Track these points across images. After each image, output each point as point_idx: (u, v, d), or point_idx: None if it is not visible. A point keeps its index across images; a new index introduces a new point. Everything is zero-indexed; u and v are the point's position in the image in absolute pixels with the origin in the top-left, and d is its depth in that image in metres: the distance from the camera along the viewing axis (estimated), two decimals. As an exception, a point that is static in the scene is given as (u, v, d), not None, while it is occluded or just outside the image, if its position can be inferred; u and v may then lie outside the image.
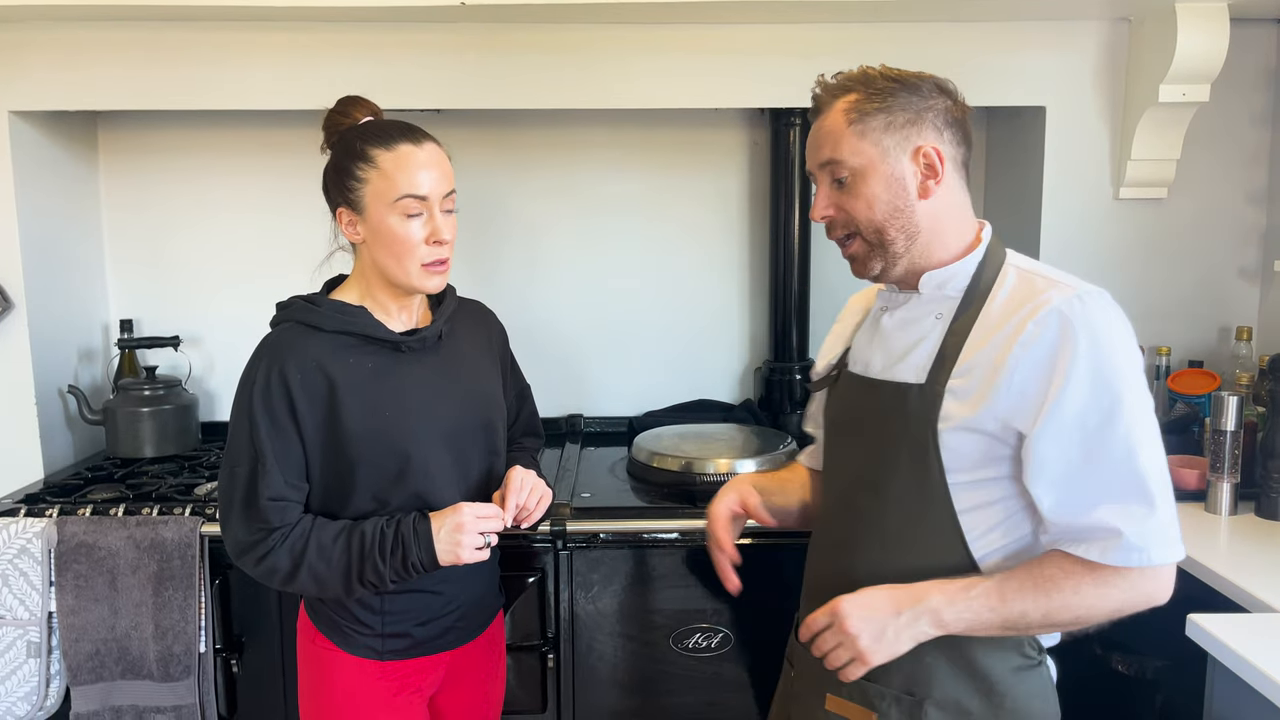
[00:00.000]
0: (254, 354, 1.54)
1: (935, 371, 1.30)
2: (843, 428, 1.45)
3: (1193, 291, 2.46)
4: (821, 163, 1.34)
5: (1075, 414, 1.20)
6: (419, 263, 1.53)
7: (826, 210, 1.36)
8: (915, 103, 1.31)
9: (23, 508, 2.10)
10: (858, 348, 1.47)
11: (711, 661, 2.08)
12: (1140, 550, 1.20)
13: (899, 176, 1.31)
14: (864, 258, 1.36)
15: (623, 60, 2.33)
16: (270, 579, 1.52)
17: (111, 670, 2.01)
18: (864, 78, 1.33)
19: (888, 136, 1.30)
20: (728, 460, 2.19)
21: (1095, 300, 1.24)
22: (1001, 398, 1.23)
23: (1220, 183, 2.43)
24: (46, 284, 2.44)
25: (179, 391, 2.54)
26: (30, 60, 2.30)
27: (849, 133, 1.30)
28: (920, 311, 1.37)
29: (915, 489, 1.30)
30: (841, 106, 1.32)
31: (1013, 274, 1.32)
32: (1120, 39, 2.35)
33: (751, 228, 2.75)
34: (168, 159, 2.66)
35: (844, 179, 1.32)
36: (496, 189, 2.69)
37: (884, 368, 1.38)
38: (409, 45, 2.31)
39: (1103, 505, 1.20)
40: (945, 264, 1.34)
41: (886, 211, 1.31)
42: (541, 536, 2.03)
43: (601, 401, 2.79)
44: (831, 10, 2.22)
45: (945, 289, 1.35)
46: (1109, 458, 1.20)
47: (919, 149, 1.30)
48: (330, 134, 1.60)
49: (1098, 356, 1.20)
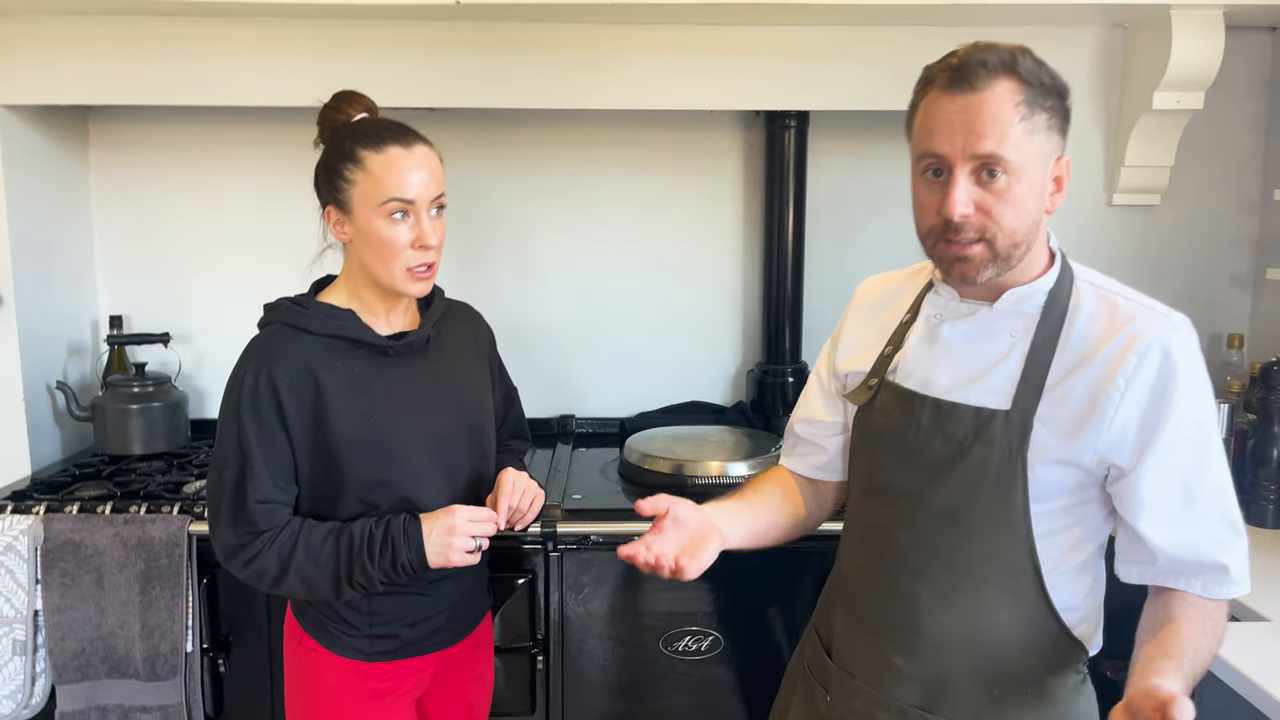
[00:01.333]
0: (242, 356, 1.54)
1: (1022, 398, 1.22)
2: (893, 448, 1.33)
3: (1185, 298, 2.42)
4: (979, 153, 1.16)
5: (1176, 452, 1.19)
6: (404, 266, 1.52)
7: (968, 208, 1.18)
8: (1063, 108, 1.21)
9: (9, 504, 2.08)
10: (912, 359, 1.34)
11: (701, 664, 2.07)
12: (1238, 583, 1.21)
13: (1043, 185, 1.20)
14: (980, 263, 1.21)
15: (617, 61, 2.33)
16: (259, 581, 1.51)
17: (97, 669, 2.00)
18: (1024, 62, 1.18)
19: (1047, 140, 1.19)
20: (719, 462, 2.19)
21: (1188, 332, 1.22)
22: (1102, 432, 1.19)
23: (1213, 190, 2.44)
24: (35, 279, 2.42)
25: (168, 389, 2.52)
26: (21, 54, 2.28)
27: (1020, 127, 1.15)
28: (992, 327, 1.27)
29: (994, 518, 1.23)
30: (1009, 92, 1.16)
31: (1089, 292, 1.26)
32: (1115, 45, 2.35)
33: (745, 230, 2.74)
34: (159, 154, 2.64)
35: (998, 175, 1.17)
36: (489, 188, 2.68)
37: (951, 387, 1.28)
38: (402, 43, 2.29)
39: (1207, 542, 1.20)
40: (1028, 281, 1.26)
41: (1030, 222, 1.20)
42: (532, 538, 2.02)
43: (593, 402, 2.78)
44: (826, 13, 2.21)
45: (1022, 305, 1.26)
46: (1207, 495, 1.20)
47: (1060, 159, 1.22)
48: (324, 129, 1.59)
49: (1194, 394, 1.19)
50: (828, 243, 2.67)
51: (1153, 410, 1.18)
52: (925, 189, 1.23)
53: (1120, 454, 1.19)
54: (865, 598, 1.36)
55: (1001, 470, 1.22)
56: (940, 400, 1.28)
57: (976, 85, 1.16)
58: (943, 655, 1.27)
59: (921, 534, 1.28)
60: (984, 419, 1.23)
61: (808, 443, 1.54)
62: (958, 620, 1.26)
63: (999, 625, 1.25)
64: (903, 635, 1.29)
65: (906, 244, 2.66)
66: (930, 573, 1.27)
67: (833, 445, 1.51)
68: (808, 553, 1.94)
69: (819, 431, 1.51)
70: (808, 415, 1.53)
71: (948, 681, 1.27)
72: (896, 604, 1.30)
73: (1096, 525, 1.27)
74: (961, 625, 1.26)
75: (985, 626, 1.25)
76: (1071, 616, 1.26)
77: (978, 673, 1.26)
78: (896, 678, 1.30)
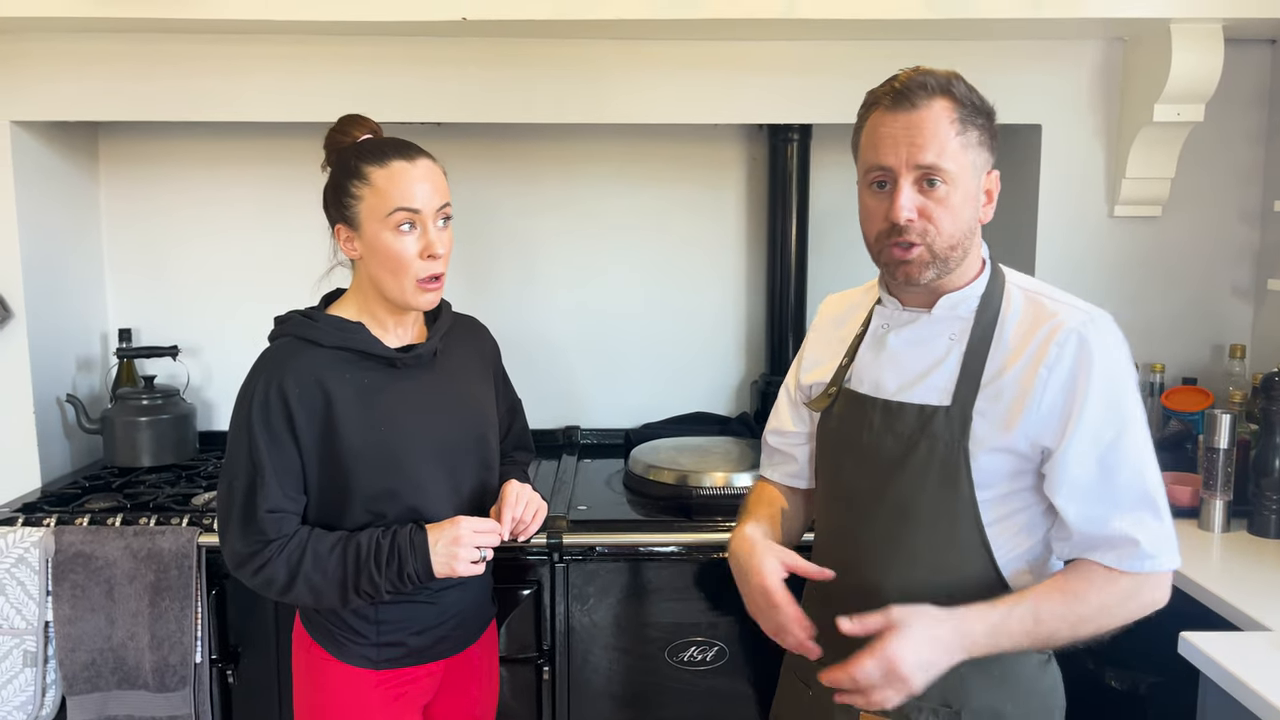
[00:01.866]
0: (252, 368, 1.56)
1: (961, 394, 1.33)
2: (850, 449, 1.43)
3: (1187, 309, 2.47)
4: (920, 163, 1.28)
5: (1093, 431, 1.28)
6: (414, 279, 1.55)
7: (913, 213, 1.30)
8: (991, 128, 1.34)
9: (20, 517, 2.10)
10: (862, 366, 1.45)
11: (707, 675, 2.08)
12: (1153, 557, 1.28)
13: (976, 195, 1.33)
14: (921, 264, 1.32)
15: (622, 76, 2.35)
16: (267, 589, 1.53)
17: (107, 680, 2.01)
18: (958, 85, 1.31)
19: (978, 155, 1.32)
20: (724, 473, 2.20)
21: (1105, 323, 1.32)
22: (1032, 418, 1.29)
23: (1214, 201, 2.45)
24: (46, 293, 2.45)
25: (177, 401, 2.54)
26: (32, 71, 2.31)
27: (956, 141, 1.29)
28: (931, 332, 1.38)
29: (945, 508, 1.34)
30: (945, 110, 1.29)
31: (1018, 295, 1.37)
32: (1115, 59, 2.37)
33: (748, 242, 2.76)
34: (168, 170, 2.67)
35: (937, 184, 1.29)
36: (495, 202, 2.70)
37: (899, 389, 1.39)
38: (410, 59, 2.32)
39: (1120, 516, 1.28)
40: (961, 286, 1.37)
41: (965, 229, 1.32)
42: (537, 549, 2.03)
43: (598, 414, 2.80)
44: (830, 28, 2.23)
45: (957, 309, 1.37)
46: (1122, 472, 1.28)
47: (990, 173, 1.35)
48: (330, 152, 1.62)
49: (1110, 377, 1.29)
50: (830, 254, 2.69)
51: (1072, 394, 1.28)
52: (872, 199, 1.35)
53: (1047, 436, 1.29)
54: (835, 594, 1.41)
55: (946, 461, 1.32)
56: (889, 401, 1.39)
57: (917, 104, 1.29)
58: None
59: (880, 529, 1.38)
60: (927, 415, 1.34)
61: (780, 452, 1.63)
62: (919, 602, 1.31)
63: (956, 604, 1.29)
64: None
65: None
66: (892, 565, 1.37)
67: (802, 454, 1.60)
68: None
69: (788, 441, 1.61)
70: (778, 426, 1.62)
71: None
72: (863, 597, 1.35)
73: (1041, 512, 1.36)
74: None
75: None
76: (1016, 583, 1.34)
77: None
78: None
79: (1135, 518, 1.28)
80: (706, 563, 2.06)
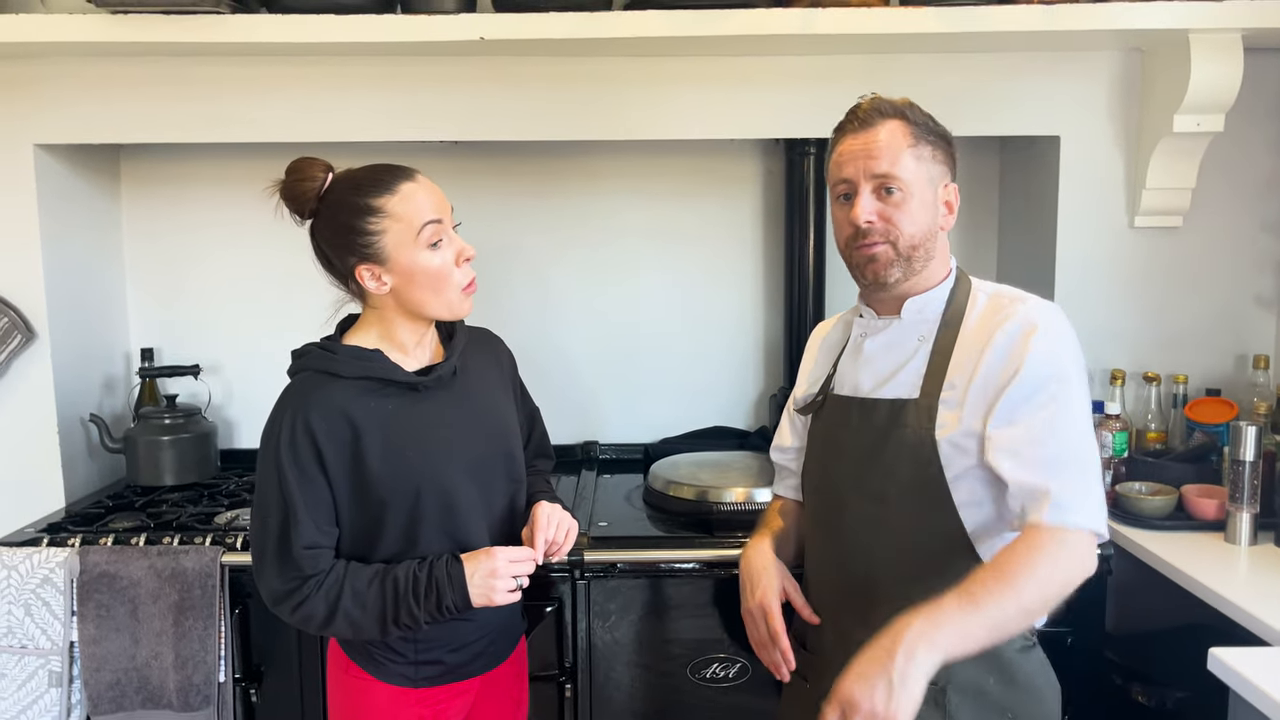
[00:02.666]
0: (276, 405, 1.57)
1: (927, 386, 1.46)
2: (833, 446, 1.57)
3: (1209, 320, 2.45)
4: (876, 173, 1.45)
5: (1026, 394, 1.38)
6: (458, 288, 1.57)
7: (872, 216, 1.46)
8: (947, 148, 1.51)
9: (45, 537, 2.12)
10: (844, 372, 1.60)
11: (729, 692, 2.07)
12: (1067, 510, 1.34)
13: (933, 204, 1.49)
14: (887, 261, 1.47)
15: (637, 92, 2.35)
16: (307, 625, 1.54)
17: (132, 700, 2.02)
18: (912, 110, 1.49)
19: (933, 167, 1.48)
20: (744, 489, 2.20)
21: (1052, 313, 1.44)
22: (978, 396, 1.42)
23: (1236, 211, 2.43)
24: (69, 314, 2.47)
25: (199, 420, 2.56)
26: (54, 94, 2.34)
27: (908, 153, 1.45)
28: (902, 335, 1.53)
29: (919, 492, 1.44)
30: (898, 128, 1.46)
31: (982, 297, 1.51)
32: (1134, 69, 2.36)
33: (766, 256, 2.76)
34: (189, 190, 2.69)
35: (894, 191, 1.45)
36: (511, 218, 2.71)
37: (874, 387, 1.52)
38: (427, 77, 2.33)
39: (1044, 469, 1.36)
40: (926, 290, 1.52)
41: (924, 232, 1.47)
42: (559, 566, 2.03)
43: (616, 429, 2.80)
44: (846, 43, 2.24)
45: (924, 313, 1.52)
46: (1054, 433, 1.37)
47: (947, 186, 1.51)
48: (301, 203, 1.57)
49: (1047, 349, 1.40)
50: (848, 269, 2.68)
51: (1009, 368, 1.40)
52: (839, 210, 1.53)
53: (988, 406, 1.41)
54: (826, 587, 1.56)
55: (917, 449, 1.44)
56: (864, 399, 1.53)
57: (872, 125, 1.47)
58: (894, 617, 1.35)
59: (861, 518, 1.49)
60: (898, 407, 1.47)
61: (784, 468, 1.77)
62: (904, 589, 1.36)
63: (940, 589, 1.32)
64: (861, 612, 1.43)
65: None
66: (874, 552, 1.48)
67: (796, 467, 1.72)
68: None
69: (788, 456, 1.75)
70: (778, 443, 1.78)
71: None
72: (851, 585, 1.49)
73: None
74: (908, 593, 1.33)
75: (929, 592, 1.32)
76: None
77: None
78: (860, 650, 1.35)
79: (1057, 473, 1.35)
80: (728, 579, 2.05)
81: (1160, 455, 2.30)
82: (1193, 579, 1.81)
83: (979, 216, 2.75)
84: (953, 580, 1.34)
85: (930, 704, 1.35)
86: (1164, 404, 2.40)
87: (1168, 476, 2.19)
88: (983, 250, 2.76)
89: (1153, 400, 2.39)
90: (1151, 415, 2.39)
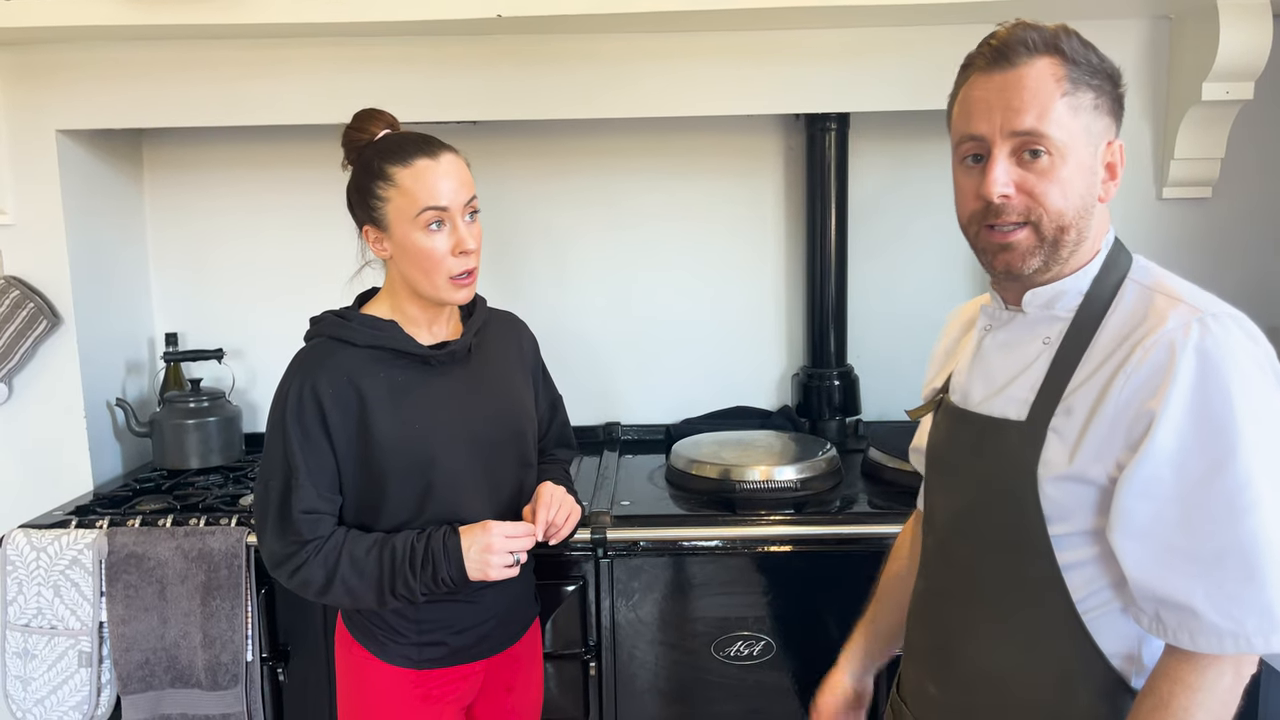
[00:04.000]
0: (287, 370, 1.57)
1: (1039, 408, 1.13)
2: (941, 466, 1.29)
3: (1239, 292, 2.37)
4: (1017, 130, 1.10)
5: (1171, 457, 1.03)
6: (447, 275, 1.54)
7: (1008, 188, 1.12)
8: (1113, 91, 1.14)
9: (74, 519, 2.14)
10: (959, 374, 1.29)
11: (754, 670, 2.07)
12: (1226, 636, 1.02)
13: (1093, 169, 1.13)
14: (1026, 250, 1.14)
15: (657, 68, 2.34)
16: (305, 590, 1.55)
17: (161, 679, 2.04)
18: (1068, 41, 1.12)
19: (1095, 120, 1.12)
20: (766, 467, 2.19)
21: (1220, 323, 1.05)
22: (1100, 438, 1.08)
23: (1266, 181, 2.39)
24: (94, 299, 2.49)
25: (223, 403, 2.57)
26: (75, 80, 2.35)
27: (1062, 104, 1.09)
28: (1025, 334, 1.20)
29: (1014, 541, 1.15)
30: (1050, 67, 1.10)
31: (1134, 290, 1.14)
32: (1161, 37, 2.32)
33: (787, 233, 2.74)
34: (211, 174, 2.70)
35: (1041, 154, 1.10)
36: (529, 198, 2.70)
37: (983, 399, 1.21)
38: (445, 58, 2.33)
39: (1186, 571, 1.03)
40: (1062, 277, 1.17)
41: (1079, 205, 1.12)
42: (582, 544, 2.03)
43: (638, 409, 2.79)
44: (864, 15, 2.21)
45: (1054, 308, 1.18)
46: (1206, 514, 1.02)
47: (1111, 144, 1.14)
48: (350, 151, 1.62)
49: (1209, 389, 1.02)
50: (870, 244, 2.66)
51: (1148, 410, 1.04)
52: (964, 176, 1.18)
53: (1117, 464, 1.07)
54: (915, 625, 1.33)
55: (1014, 487, 1.13)
56: (969, 412, 1.23)
57: (1015, 62, 1.11)
58: (971, 686, 1.21)
59: (951, 557, 1.24)
60: (1000, 430, 1.17)
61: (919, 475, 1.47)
62: (985, 650, 1.19)
63: (1029, 661, 1.15)
64: (937, 663, 1.26)
65: (950, 244, 2.65)
66: (960, 599, 1.23)
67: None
68: (861, 555, 1.93)
69: (920, 459, 1.44)
70: (915, 444, 1.44)
71: (976, 714, 1.21)
72: (932, 632, 1.26)
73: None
74: (989, 657, 1.19)
75: (1012, 660, 1.17)
76: (1122, 663, 1.12)
77: (1006, 709, 1.18)
78: (933, 707, 1.26)
79: (1207, 579, 1.01)
80: (751, 556, 2.04)
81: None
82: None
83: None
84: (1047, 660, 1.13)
85: None
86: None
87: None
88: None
89: (1182, 374, 2.35)
90: (1180, 390, 2.36)
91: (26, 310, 2.35)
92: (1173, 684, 1.04)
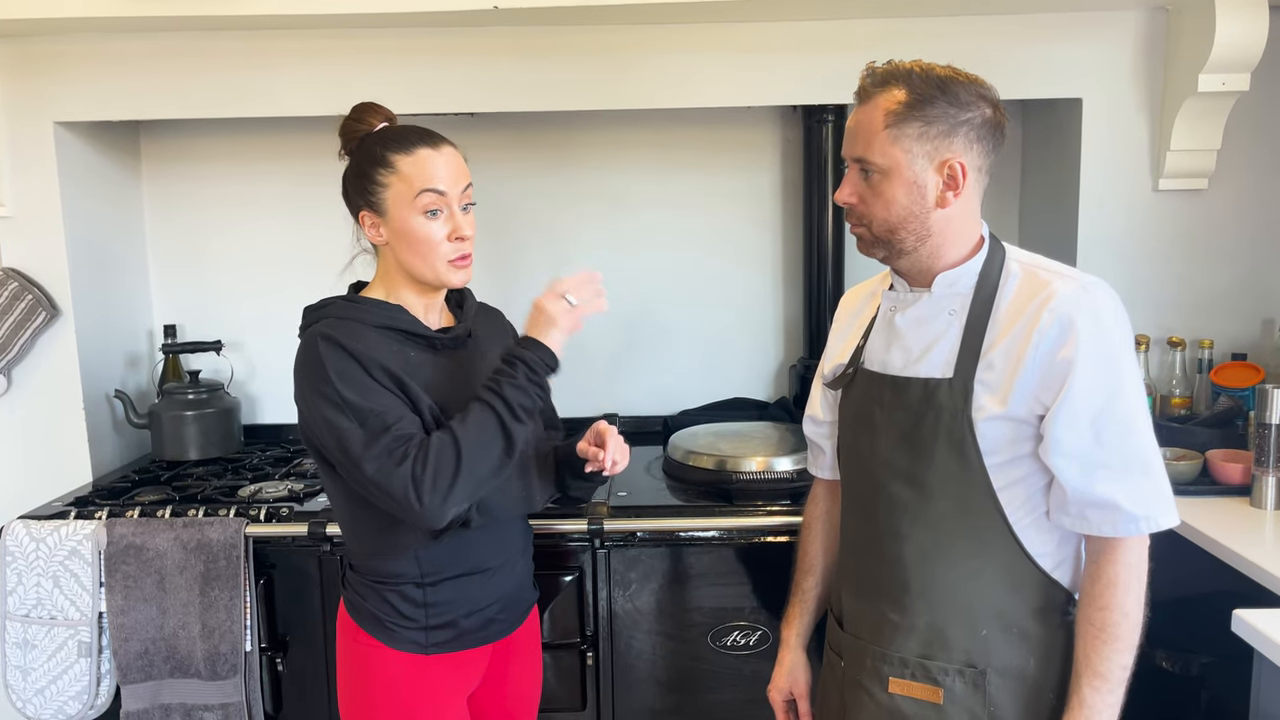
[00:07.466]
0: (305, 349, 1.54)
1: (962, 366, 1.38)
2: (866, 425, 1.49)
3: (1235, 283, 2.42)
4: (853, 155, 1.39)
5: (1084, 394, 1.31)
6: (445, 259, 1.57)
7: (850, 197, 1.41)
8: (953, 114, 1.34)
9: (73, 510, 2.14)
10: (873, 348, 1.52)
11: (750, 659, 2.08)
12: (1141, 519, 1.32)
13: (920, 184, 1.36)
14: (868, 244, 1.44)
15: (654, 60, 2.34)
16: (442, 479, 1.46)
17: (160, 669, 2.05)
18: (911, 77, 1.35)
19: (919, 145, 1.35)
20: (763, 458, 2.20)
21: (1098, 289, 1.35)
22: (1027, 385, 1.34)
23: (1262, 173, 2.39)
24: (92, 291, 2.49)
25: (221, 395, 2.58)
26: (73, 72, 2.35)
27: (883, 135, 1.35)
28: (933, 310, 1.44)
29: (956, 476, 1.38)
30: (883, 104, 1.35)
31: (1016, 269, 1.42)
32: (1158, 28, 2.32)
33: (784, 225, 2.74)
34: (209, 166, 2.70)
35: (870, 173, 1.37)
36: (527, 190, 2.71)
37: (905, 365, 1.44)
38: (441, 49, 2.33)
39: (1108, 476, 1.32)
40: (955, 264, 1.42)
41: (901, 215, 1.38)
42: (579, 535, 2.04)
43: (635, 400, 2.80)
44: (864, 6, 2.21)
45: (956, 287, 1.42)
46: (1112, 433, 1.32)
47: (945, 161, 1.35)
48: (348, 140, 1.63)
49: (1102, 341, 1.32)
50: (868, 236, 2.66)
51: (1063, 359, 1.31)
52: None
53: (1041, 402, 1.34)
54: (861, 566, 1.51)
55: (952, 430, 1.37)
56: (896, 377, 1.45)
57: (863, 100, 1.39)
58: (932, 607, 1.41)
59: (895, 499, 1.43)
60: (931, 388, 1.40)
61: (815, 445, 1.70)
62: (941, 574, 1.40)
63: (978, 573, 1.38)
64: (895, 594, 1.43)
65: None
66: (909, 534, 1.42)
67: (829, 445, 1.66)
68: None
69: (821, 431, 1.68)
70: (811, 413, 1.70)
71: (940, 629, 1.40)
72: (886, 567, 1.45)
73: (1046, 481, 1.39)
74: (944, 578, 1.40)
75: (966, 576, 1.39)
76: (1047, 562, 1.39)
77: (965, 618, 1.39)
78: (895, 633, 1.43)
79: (1123, 479, 1.32)
80: (748, 547, 2.05)
81: (1185, 420, 2.28)
82: (1218, 543, 1.79)
83: (1000, 182, 2.72)
84: (990, 569, 1.38)
85: (970, 687, 1.38)
86: (1189, 369, 2.38)
87: (1193, 441, 2.17)
88: (1005, 215, 2.73)
89: (1177, 365, 2.36)
90: (1176, 380, 2.37)
91: (25, 302, 2.36)
92: (1107, 564, 1.34)
